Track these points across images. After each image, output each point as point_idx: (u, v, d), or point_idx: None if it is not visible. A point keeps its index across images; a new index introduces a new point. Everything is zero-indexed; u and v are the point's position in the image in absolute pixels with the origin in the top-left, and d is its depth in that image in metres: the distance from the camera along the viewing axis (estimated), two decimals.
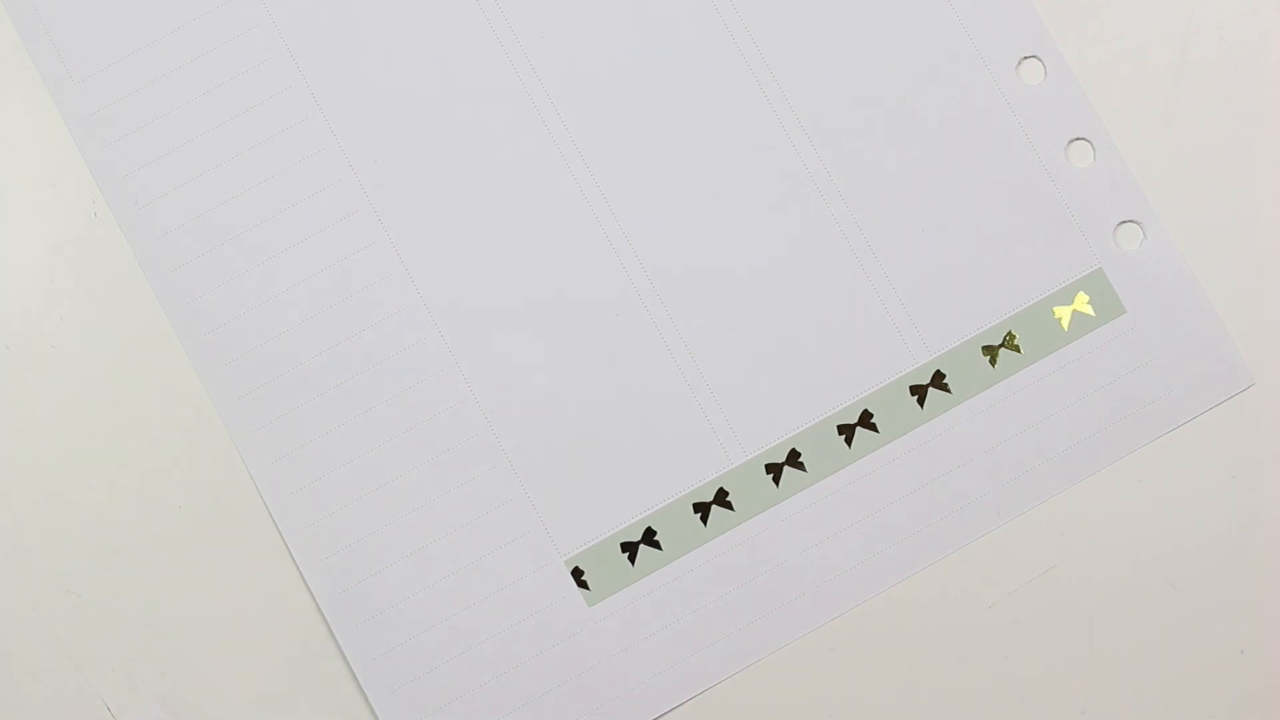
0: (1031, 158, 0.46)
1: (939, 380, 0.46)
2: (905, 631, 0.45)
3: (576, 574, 0.45)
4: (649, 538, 0.45)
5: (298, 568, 0.45)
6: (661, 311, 0.46)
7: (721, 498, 0.45)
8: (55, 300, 0.46)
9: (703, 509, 0.45)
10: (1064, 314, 0.46)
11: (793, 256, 0.46)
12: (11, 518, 0.45)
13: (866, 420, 0.46)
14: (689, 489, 0.45)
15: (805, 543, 0.45)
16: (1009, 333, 0.46)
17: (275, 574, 0.45)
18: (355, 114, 0.46)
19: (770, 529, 0.45)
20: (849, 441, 0.45)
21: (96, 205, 0.46)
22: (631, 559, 0.45)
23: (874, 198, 0.46)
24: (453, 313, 0.46)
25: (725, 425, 0.45)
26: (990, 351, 0.46)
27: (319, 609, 0.45)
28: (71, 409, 0.46)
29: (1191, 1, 0.47)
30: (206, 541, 0.45)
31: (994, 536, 0.45)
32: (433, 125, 0.46)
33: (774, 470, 0.45)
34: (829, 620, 0.45)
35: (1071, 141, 0.46)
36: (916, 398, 0.46)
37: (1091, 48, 0.46)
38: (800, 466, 0.45)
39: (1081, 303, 0.46)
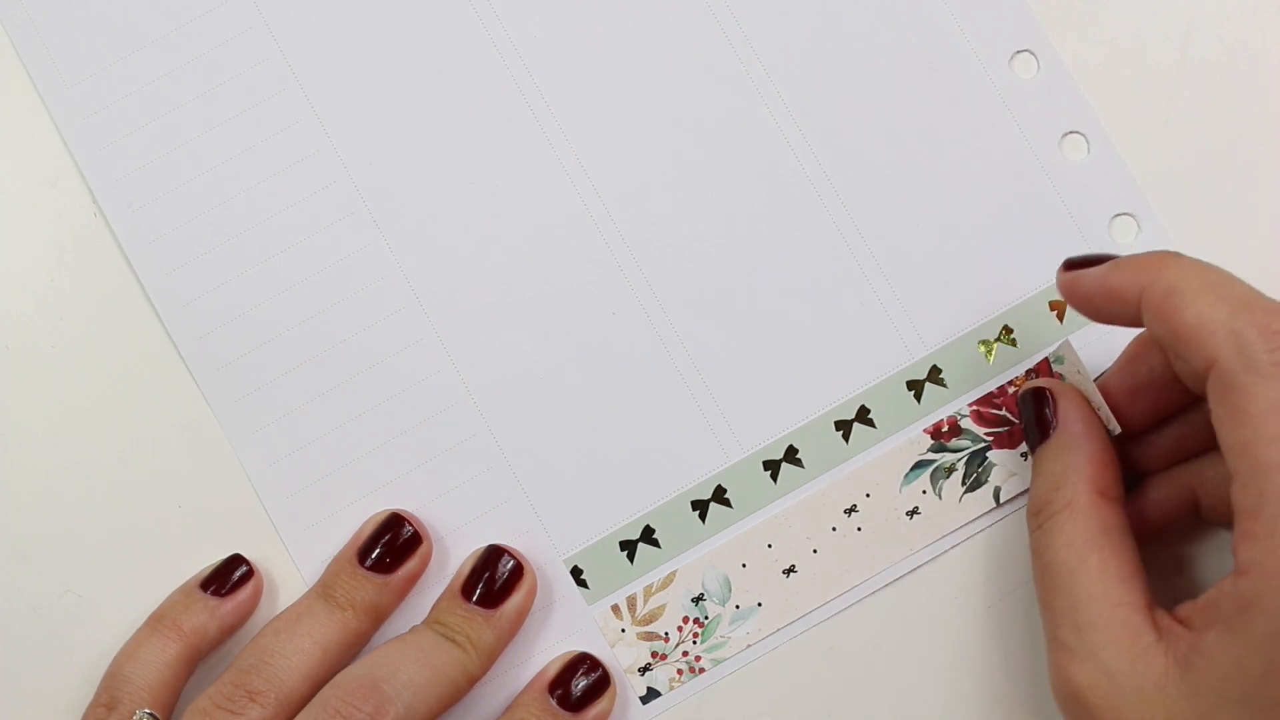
0: (1026, 152, 0.46)
1: (935, 375, 0.45)
2: (905, 631, 0.45)
3: (575, 573, 0.45)
4: (648, 536, 0.45)
5: (297, 568, 0.45)
6: (658, 309, 0.46)
7: (720, 495, 0.45)
8: (55, 300, 0.46)
9: (701, 507, 0.45)
10: (1060, 308, 0.45)
11: (788, 253, 0.46)
12: (11, 518, 0.45)
13: (864, 416, 0.45)
14: (687, 487, 0.45)
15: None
16: (1004, 326, 0.45)
17: (275, 574, 0.45)
18: (349, 116, 0.46)
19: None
20: (846, 437, 0.45)
21: (96, 206, 0.46)
22: (630, 557, 0.45)
23: (869, 193, 0.46)
24: (449, 313, 0.46)
25: (723, 423, 0.45)
26: (986, 346, 0.45)
27: None
28: (71, 409, 0.46)
29: (1191, 1, 0.47)
30: (206, 541, 0.45)
31: (994, 534, 0.45)
32: (427, 126, 0.46)
33: (772, 467, 0.45)
34: (829, 618, 0.45)
35: (1065, 135, 0.46)
36: (913, 393, 0.45)
37: (1091, 47, 0.46)
38: (798, 463, 0.45)
39: None
